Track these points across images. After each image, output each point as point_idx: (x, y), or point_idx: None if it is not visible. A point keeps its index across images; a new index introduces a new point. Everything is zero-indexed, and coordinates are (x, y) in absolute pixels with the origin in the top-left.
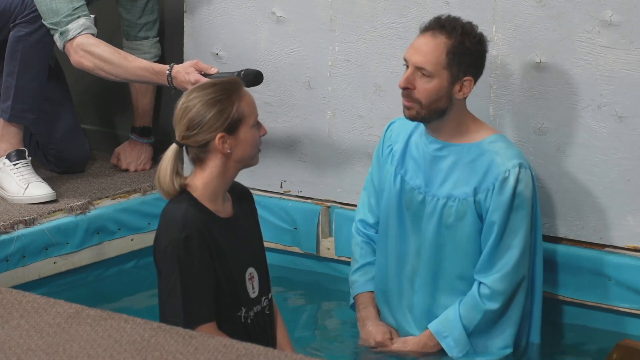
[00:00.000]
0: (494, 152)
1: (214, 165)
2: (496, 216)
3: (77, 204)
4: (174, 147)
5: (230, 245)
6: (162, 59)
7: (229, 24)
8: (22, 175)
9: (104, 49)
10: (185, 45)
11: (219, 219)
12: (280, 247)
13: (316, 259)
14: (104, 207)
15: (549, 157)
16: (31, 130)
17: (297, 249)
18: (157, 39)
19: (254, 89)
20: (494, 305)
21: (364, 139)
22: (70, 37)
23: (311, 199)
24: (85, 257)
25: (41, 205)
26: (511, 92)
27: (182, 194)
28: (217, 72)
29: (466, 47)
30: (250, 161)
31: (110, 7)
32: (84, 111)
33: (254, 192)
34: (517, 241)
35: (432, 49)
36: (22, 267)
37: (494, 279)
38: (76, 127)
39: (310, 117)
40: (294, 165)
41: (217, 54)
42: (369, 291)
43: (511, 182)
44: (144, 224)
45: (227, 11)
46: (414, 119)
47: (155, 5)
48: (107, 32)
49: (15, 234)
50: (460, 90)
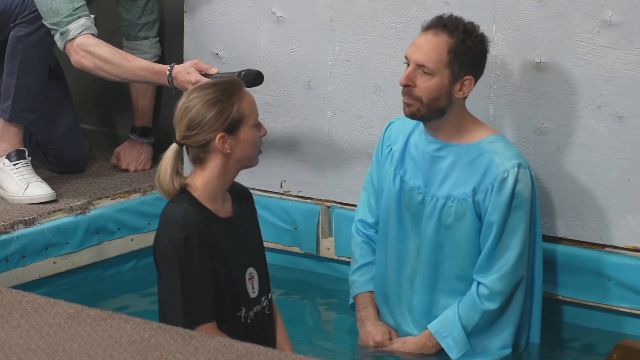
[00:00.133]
0: (493, 152)
1: (214, 165)
2: (495, 216)
3: (77, 204)
4: (174, 147)
5: (230, 245)
6: (162, 59)
7: (229, 24)
8: (22, 175)
9: (104, 49)
10: (185, 45)
11: (219, 219)
12: (280, 247)
13: (316, 259)
14: (104, 207)
15: (549, 157)
16: (31, 130)
17: (297, 249)
18: (157, 39)
19: (254, 89)
20: (493, 305)
21: (363, 139)
22: (70, 37)
23: (311, 199)
24: (85, 257)
25: (41, 205)
26: (511, 92)
27: (182, 194)
28: (217, 72)
29: (468, 46)
30: (250, 161)
31: (110, 7)
32: (84, 111)
33: (254, 192)
34: (515, 241)
35: (434, 47)
36: (22, 267)
37: (492, 279)
38: (76, 127)
39: (310, 117)
40: (294, 165)
41: (217, 54)
42: (368, 291)
43: (510, 182)
44: (144, 224)
45: (227, 11)
46: (413, 116)
47: (155, 5)
48: (107, 32)
49: (15, 234)
50: (460, 89)
